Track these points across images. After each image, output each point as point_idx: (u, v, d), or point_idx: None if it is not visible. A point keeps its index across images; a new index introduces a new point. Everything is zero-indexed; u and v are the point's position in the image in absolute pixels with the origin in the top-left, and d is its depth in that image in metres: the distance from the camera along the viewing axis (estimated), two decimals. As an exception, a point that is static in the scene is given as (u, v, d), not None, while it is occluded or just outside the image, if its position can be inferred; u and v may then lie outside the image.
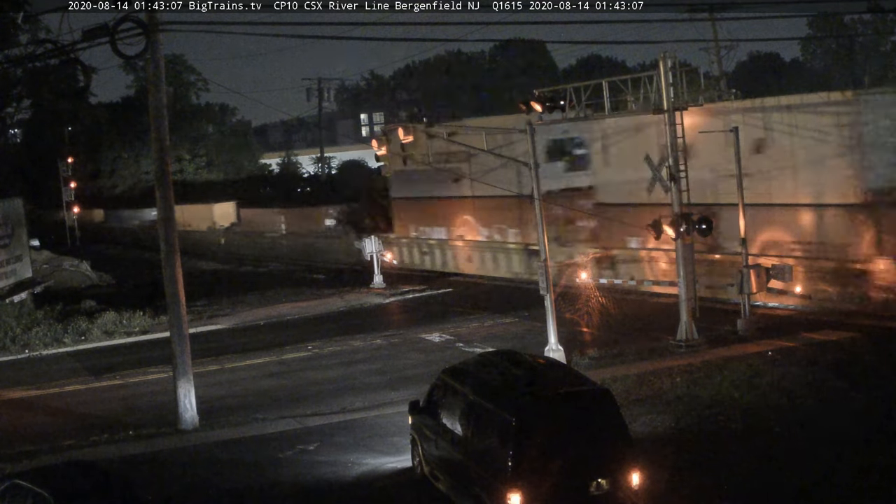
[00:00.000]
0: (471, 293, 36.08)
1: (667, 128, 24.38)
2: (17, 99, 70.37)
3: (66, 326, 31.52)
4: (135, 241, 66.27)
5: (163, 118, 20.08)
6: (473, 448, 14.01)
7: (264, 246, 55.28)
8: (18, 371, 27.62)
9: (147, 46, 18.82)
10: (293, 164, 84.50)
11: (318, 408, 21.42)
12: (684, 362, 22.30)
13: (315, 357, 27.10)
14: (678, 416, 18.26)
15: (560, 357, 22.57)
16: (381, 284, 38.15)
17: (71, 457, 18.18)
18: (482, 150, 27.15)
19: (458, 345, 26.93)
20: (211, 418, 20.74)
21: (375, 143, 26.72)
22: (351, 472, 16.95)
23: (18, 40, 48.52)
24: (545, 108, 24.87)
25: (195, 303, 33.27)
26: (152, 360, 26.82)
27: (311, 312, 34.11)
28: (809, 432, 16.93)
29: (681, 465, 15.65)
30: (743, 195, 25.61)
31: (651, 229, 24.42)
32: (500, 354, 16.82)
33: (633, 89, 25.88)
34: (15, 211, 40.11)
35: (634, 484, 13.36)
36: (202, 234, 61.80)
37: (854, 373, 20.36)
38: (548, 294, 22.94)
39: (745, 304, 25.41)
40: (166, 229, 20.39)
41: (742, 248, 25.77)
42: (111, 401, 23.56)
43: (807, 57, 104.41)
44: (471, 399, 14.40)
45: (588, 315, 26.13)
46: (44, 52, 20.51)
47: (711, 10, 29.45)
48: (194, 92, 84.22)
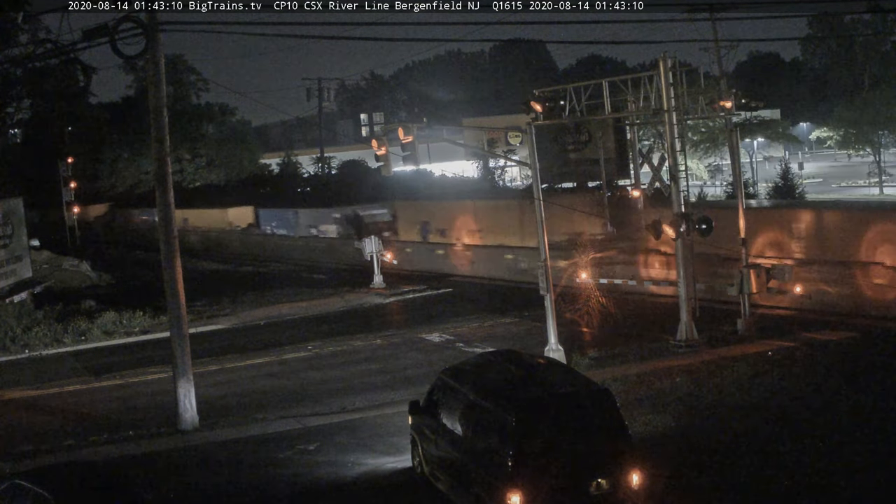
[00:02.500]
0: (471, 293, 36.07)
1: (667, 127, 24.40)
2: (17, 99, 70.43)
3: (66, 326, 31.49)
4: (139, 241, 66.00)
5: (163, 118, 20.08)
6: (473, 448, 14.02)
7: (286, 247, 54.36)
8: (18, 371, 27.61)
9: (147, 46, 18.82)
10: (293, 164, 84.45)
11: (318, 408, 21.42)
12: (684, 362, 22.30)
13: (315, 357, 27.09)
14: (678, 416, 18.26)
15: (560, 357, 22.57)
16: (381, 284, 38.14)
17: (71, 457, 18.21)
18: (482, 150, 27.13)
19: (458, 345, 26.93)
20: (211, 418, 20.74)
21: (375, 143, 26.70)
22: (351, 472, 16.95)
23: (18, 40, 48.55)
24: (545, 108, 24.85)
25: (195, 303, 33.25)
26: (152, 360, 26.82)
27: (311, 312, 34.10)
28: (809, 432, 16.92)
29: (681, 465, 15.65)
30: (743, 195, 25.61)
31: (650, 229, 24.43)
32: (500, 354, 16.84)
33: (633, 89, 25.87)
34: (15, 211, 40.10)
35: (634, 484, 13.37)
36: (218, 234, 61.68)
37: (854, 373, 20.36)
38: (548, 294, 22.94)
39: (745, 304, 25.39)
40: (166, 229, 20.39)
41: (742, 248, 25.77)
42: (111, 401, 23.56)
43: (807, 57, 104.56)
44: (471, 399, 14.40)
45: (588, 315, 26.12)
46: (44, 52, 20.54)
47: (711, 10, 29.40)
48: (194, 92, 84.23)
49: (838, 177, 79.17)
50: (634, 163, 38.44)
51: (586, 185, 41.77)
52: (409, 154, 23.30)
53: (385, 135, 29.93)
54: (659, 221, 24.23)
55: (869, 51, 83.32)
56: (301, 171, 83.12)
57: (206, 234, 62.60)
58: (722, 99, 25.42)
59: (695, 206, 25.74)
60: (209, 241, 61.14)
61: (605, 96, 26.06)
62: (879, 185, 68.52)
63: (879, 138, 71.86)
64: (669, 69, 24.03)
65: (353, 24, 38.27)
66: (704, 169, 64.07)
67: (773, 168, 63.16)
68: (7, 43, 46.16)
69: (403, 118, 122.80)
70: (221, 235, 61.66)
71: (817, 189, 67.77)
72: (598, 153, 37.52)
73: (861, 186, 70.54)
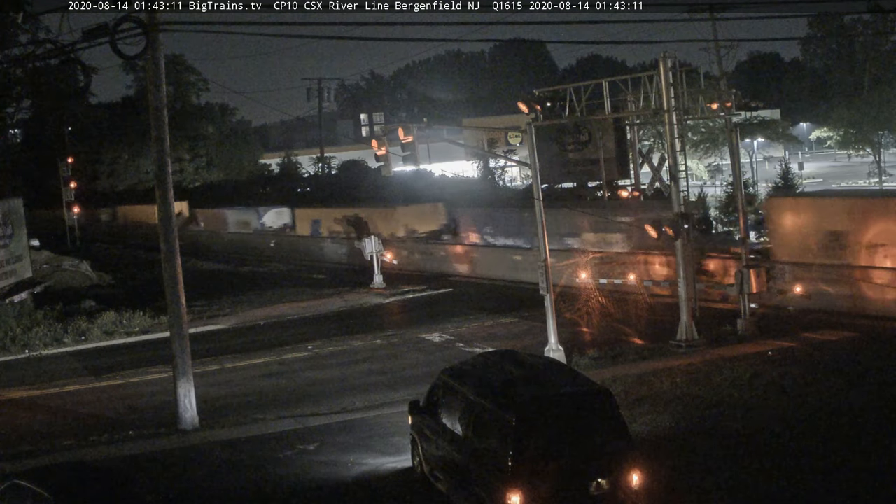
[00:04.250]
0: (471, 293, 36.06)
1: (667, 127, 24.41)
2: (17, 99, 70.30)
3: (66, 326, 31.49)
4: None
5: (163, 118, 20.08)
6: (473, 448, 14.01)
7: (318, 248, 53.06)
8: (18, 371, 27.60)
9: (147, 46, 18.81)
10: (293, 164, 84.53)
11: (317, 408, 21.41)
12: (684, 362, 22.30)
13: (315, 357, 27.09)
14: (678, 416, 18.26)
15: (560, 357, 22.57)
16: (381, 284, 38.13)
17: (71, 457, 18.20)
18: (482, 150, 27.15)
19: (458, 345, 26.93)
20: (211, 418, 20.74)
21: (375, 143, 26.71)
22: (351, 472, 16.95)
23: (18, 40, 48.48)
24: (544, 108, 24.86)
25: (195, 303, 33.25)
26: (152, 360, 26.80)
27: (311, 312, 34.10)
28: (809, 432, 16.93)
29: (681, 465, 15.65)
30: (742, 195, 25.62)
31: (651, 229, 24.43)
32: (500, 354, 16.82)
33: (633, 89, 25.89)
34: (15, 211, 40.07)
35: (634, 484, 13.36)
36: (248, 237, 59.81)
37: (854, 373, 20.36)
38: (548, 294, 22.94)
39: (745, 305, 25.40)
40: (166, 229, 20.39)
41: (742, 248, 25.79)
42: (111, 401, 23.55)
43: (807, 57, 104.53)
44: (471, 399, 14.40)
45: (588, 315, 26.13)
46: (44, 52, 20.48)
47: (711, 10, 29.46)
48: (194, 92, 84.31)
49: (838, 177, 79.19)
50: (634, 163, 38.54)
51: (586, 184, 41.82)
52: (409, 154, 23.32)
53: (385, 135, 29.94)
54: (659, 221, 24.23)
55: (869, 51, 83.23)
56: (301, 171, 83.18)
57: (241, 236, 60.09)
58: (722, 99, 25.45)
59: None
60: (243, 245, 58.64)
61: (605, 96, 26.09)
62: (880, 186, 68.55)
63: (879, 138, 71.89)
64: (669, 69, 24.05)
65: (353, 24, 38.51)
66: (704, 169, 64.09)
67: (773, 168, 63.16)
68: (7, 43, 46.09)
69: (403, 118, 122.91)
70: (252, 238, 59.55)
71: (817, 189, 67.76)
72: (598, 153, 37.54)
73: (861, 186, 70.54)
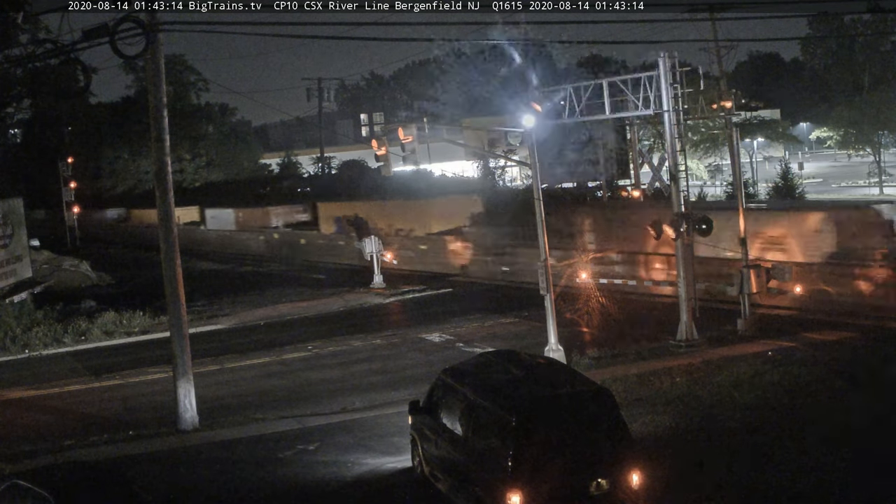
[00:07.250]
0: (471, 293, 36.06)
1: (667, 127, 24.40)
2: (17, 99, 70.29)
3: (66, 326, 31.48)
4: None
5: (163, 118, 20.08)
6: (473, 448, 14.01)
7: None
8: (18, 371, 27.60)
9: (147, 46, 18.74)
10: (293, 164, 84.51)
11: (318, 408, 21.41)
12: (684, 362, 22.30)
13: (315, 357, 27.09)
14: (678, 416, 18.26)
15: (560, 357, 22.56)
16: (381, 284, 38.13)
17: (71, 457, 18.20)
18: (482, 150, 27.14)
19: (458, 345, 26.93)
20: (211, 418, 20.73)
21: (375, 143, 26.72)
22: (351, 472, 16.94)
23: (18, 40, 48.43)
24: (545, 108, 24.85)
25: (195, 303, 33.26)
26: (152, 360, 26.80)
27: (311, 312, 34.10)
28: (809, 432, 16.92)
29: (681, 465, 15.64)
30: (743, 195, 25.61)
31: (651, 229, 24.43)
32: (500, 354, 16.83)
33: (633, 89, 25.88)
34: (15, 211, 40.10)
35: (634, 484, 13.36)
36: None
37: (854, 373, 20.36)
38: (548, 294, 22.93)
39: (745, 304, 25.39)
40: (166, 229, 20.38)
41: (742, 248, 25.77)
42: (111, 401, 23.56)
43: (807, 57, 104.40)
44: (471, 399, 14.40)
45: (588, 315, 26.11)
46: (44, 52, 20.45)
47: (711, 10, 29.44)
48: (194, 92, 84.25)
49: (838, 177, 79.19)
50: (634, 163, 38.52)
51: (586, 184, 41.82)
52: (409, 154, 23.32)
53: (385, 135, 29.95)
54: (659, 221, 24.22)
55: (869, 51, 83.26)
56: (301, 171, 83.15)
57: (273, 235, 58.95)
58: (722, 99, 25.45)
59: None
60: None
61: (605, 96, 26.08)
62: (879, 186, 68.55)
63: (879, 138, 71.90)
64: (669, 69, 24.05)
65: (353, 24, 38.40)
66: (704, 169, 64.11)
67: (773, 168, 63.15)
68: (7, 43, 46.04)
69: (403, 118, 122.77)
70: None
71: (817, 189, 67.81)
72: (597, 153, 37.54)
73: (861, 186, 70.54)
